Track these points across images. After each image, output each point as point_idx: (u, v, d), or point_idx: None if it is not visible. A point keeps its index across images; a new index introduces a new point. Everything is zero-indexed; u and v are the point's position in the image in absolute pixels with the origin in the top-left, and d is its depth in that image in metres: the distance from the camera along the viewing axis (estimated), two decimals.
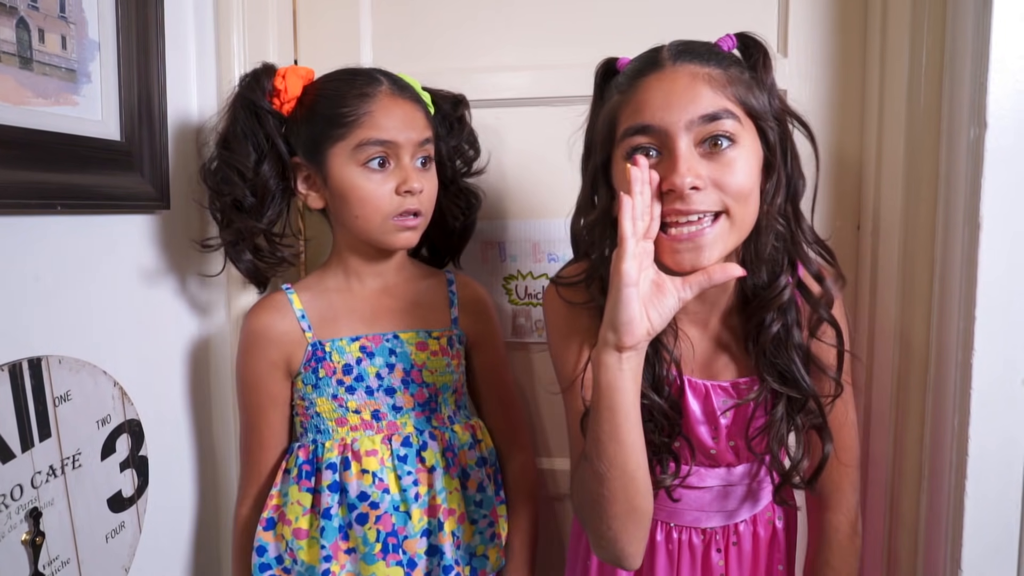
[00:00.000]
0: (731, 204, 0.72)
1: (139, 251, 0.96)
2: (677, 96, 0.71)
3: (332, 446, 0.95)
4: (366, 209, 0.92)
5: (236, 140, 0.94)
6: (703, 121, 0.71)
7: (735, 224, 0.73)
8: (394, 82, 0.95)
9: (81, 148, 0.85)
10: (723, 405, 0.86)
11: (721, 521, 0.92)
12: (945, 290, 0.93)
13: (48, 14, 0.81)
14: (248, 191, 0.94)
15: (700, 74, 0.72)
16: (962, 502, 0.88)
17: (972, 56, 0.86)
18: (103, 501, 0.87)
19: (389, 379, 0.96)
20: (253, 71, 0.97)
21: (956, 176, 0.90)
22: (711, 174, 0.71)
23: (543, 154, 1.16)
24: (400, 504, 0.94)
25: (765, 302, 0.80)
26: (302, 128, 0.94)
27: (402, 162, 0.92)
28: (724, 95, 0.72)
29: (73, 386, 0.82)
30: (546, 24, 1.15)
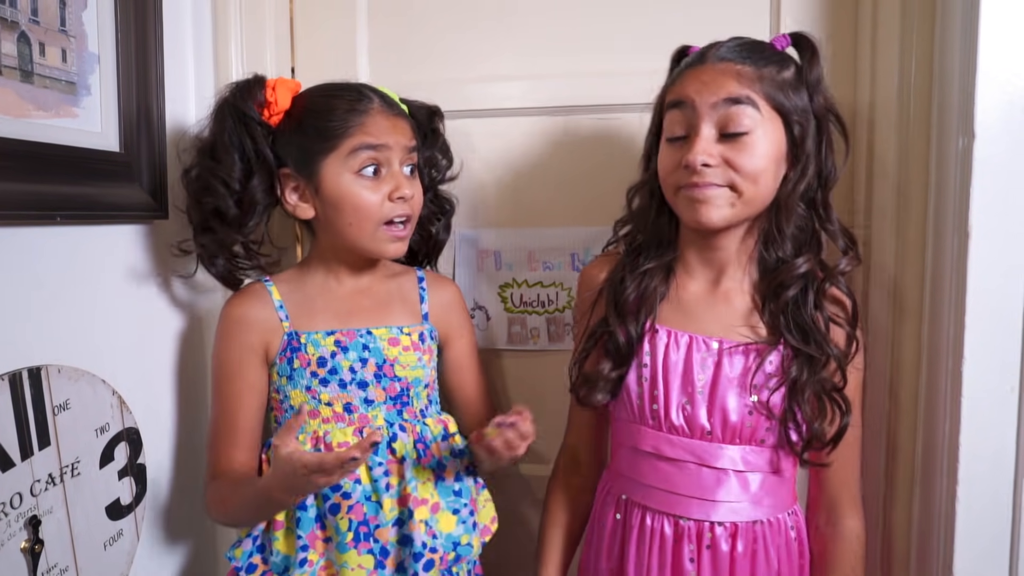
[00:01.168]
0: (738, 181, 0.83)
1: (137, 260, 0.98)
2: (708, 84, 0.84)
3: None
4: (359, 216, 0.93)
5: (223, 149, 0.94)
6: (726, 103, 0.82)
7: (742, 198, 0.84)
8: (383, 99, 0.97)
9: (81, 159, 0.86)
10: (704, 360, 0.89)
11: (697, 513, 0.88)
12: (936, 298, 0.94)
13: (49, 28, 0.82)
14: (232, 202, 0.95)
15: (731, 70, 0.84)
16: (953, 508, 0.89)
17: (960, 67, 0.87)
18: (101, 509, 0.88)
19: (362, 373, 0.96)
20: (245, 80, 0.97)
21: (946, 185, 0.91)
22: (726, 154, 0.83)
23: (539, 163, 1.17)
24: (371, 494, 0.95)
25: (784, 272, 0.88)
26: (292, 140, 0.95)
27: (393, 168, 0.94)
28: (751, 87, 0.83)
29: (72, 395, 0.83)
30: (543, 34, 1.16)
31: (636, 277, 0.93)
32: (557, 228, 1.18)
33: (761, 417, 0.87)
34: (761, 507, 0.89)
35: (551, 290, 1.20)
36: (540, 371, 1.22)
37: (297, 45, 1.20)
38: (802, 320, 0.87)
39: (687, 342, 0.90)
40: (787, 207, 0.86)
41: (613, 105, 1.13)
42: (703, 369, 0.89)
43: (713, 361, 0.89)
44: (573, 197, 1.17)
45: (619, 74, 1.12)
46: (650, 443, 0.90)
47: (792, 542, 0.92)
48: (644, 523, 0.91)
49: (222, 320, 0.98)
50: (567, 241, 1.18)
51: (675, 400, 0.89)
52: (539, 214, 1.18)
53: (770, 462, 0.89)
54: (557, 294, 1.20)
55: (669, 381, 0.89)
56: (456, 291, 1.10)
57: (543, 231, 1.18)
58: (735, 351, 0.88)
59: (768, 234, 0.89)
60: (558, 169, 1.18)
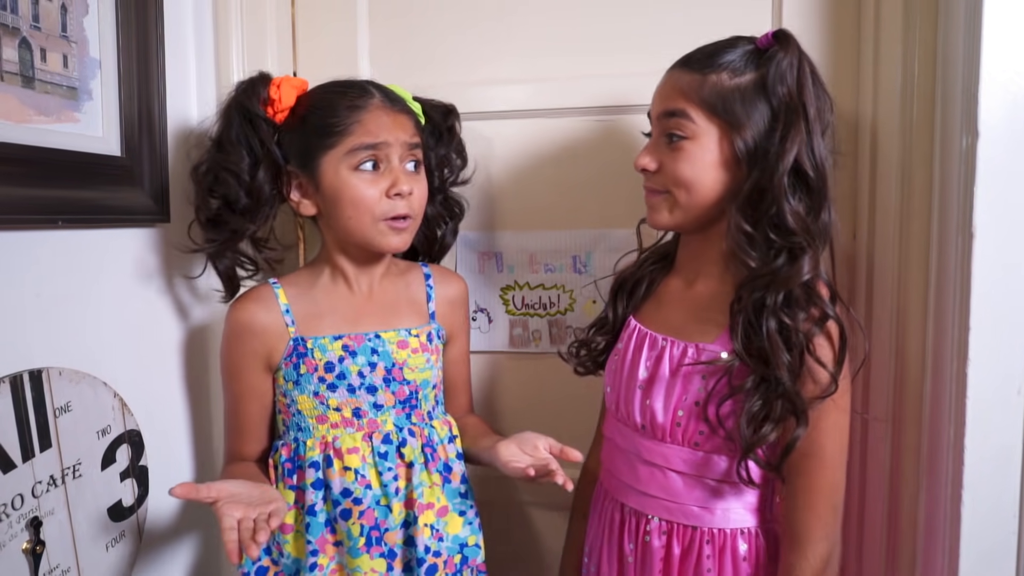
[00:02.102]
0: (672, 188, 0.86)
1: (139, 264, 0.98)
2: (659, 94, 0.89)
3: (313, 444, 0.95)
4: (358, 210, 0.93)
5: (230, 144, 0.95)
6: (665, 116, 0.86)
7: (677, 203, 0.87)
8: (385, 95, 0.97)
9: (82, 164, 0.87)
10: (649, 356, 0.91)
11: (634, 503, 0.91)
12: (940, 299, 0.93)
13: (50, 33, 0.83)
14: (243, 192, 0.96)
15: (675, 80, 0.86)
16: (959, 512, 0.88)
17: (963, 66, 0.86)
18: (103, 510, 0.89)
19: (371, 377, 0.97)
20: (249, 79, 0.98)
21: (949, 185, 0.90)
22: (665, 161, 0.86)
23: (540, 166, 1.17)
24: (381, 498, 0.95)
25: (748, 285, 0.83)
26: (295, 137, 0.96)
27: (392, 164, 0.94)
28: (687, 98, 0.84)
29: (73, 397, 0.83)
30: (544, 36, 1.16)
31: (637, 266, 0.99)
32: (559, 231, 1.18)
33: (693, 421, 0.86)
34: (706, 514, 0.87)
35: (553, 292, 1.20)
36: (542, 374, 1.22)
37: (299, 49, 1.20)
38: (758, 338, 0.80)
39: (642, 336, 0.93)
40: (731, 217, 0.84)
41: (615, 107, 1.13)
42: (646, 364, 0.91)
43: (655, 356, 0.90)
44: (575, 199, 1.17)
45: (621, 75, 1.12)
46: (610, 429, 0.97)
47: (741, 562, 0.87)
48: (604, 505, 0.97)
49: (227, 322, 0.98)
50: (569, 243, 1.18)
51: (623, 391, 0.92)
52: (541, 216, 1.18)
53: (716, 470, 0.86)
54: (559, 296, 1.19)
55: (622, 372, 0.93)
56: (463, 287, 1.10)
57: (545, 234, 1.18)
58: (676, 350, 0.88)
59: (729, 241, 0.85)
60: (560, 171, 1.17)
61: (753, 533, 0.88)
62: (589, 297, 1.18)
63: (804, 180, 0.81)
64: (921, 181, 0.96)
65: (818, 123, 0.82)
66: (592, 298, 1.18)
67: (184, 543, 1.08)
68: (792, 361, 0.80)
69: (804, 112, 0.81)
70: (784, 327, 0.80)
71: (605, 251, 1.16)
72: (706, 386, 0.85)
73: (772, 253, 0.82)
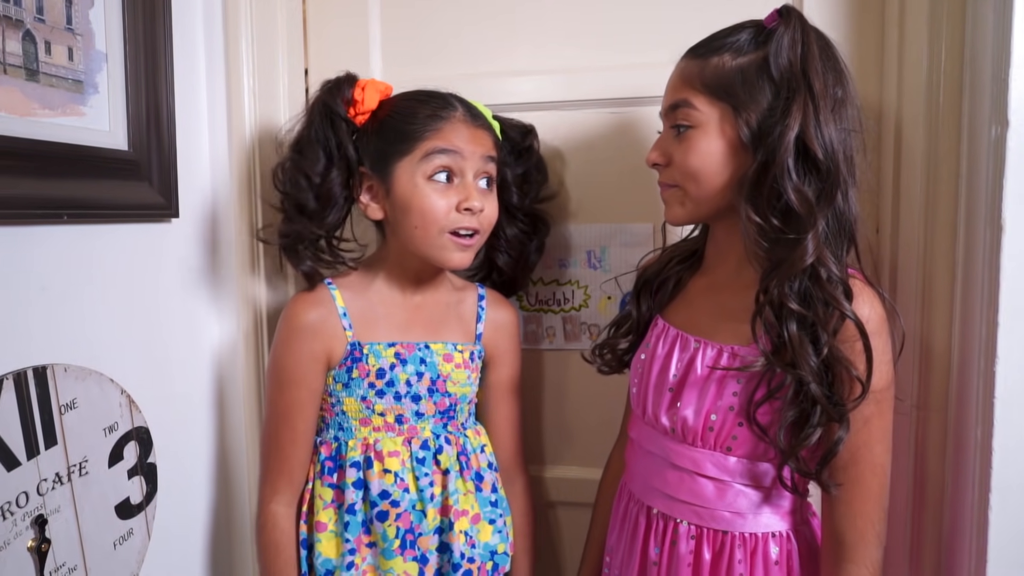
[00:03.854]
0: (680, 180, 0.84)
1: (148, 259, 0.97)
2: (667, 88, 0.87)
3: (355, 445, 0.97)
4: (425, 219, 0.93)
5: (309, 144, 0.96)
6: (669, 109, 0.85)
7: (688, 196, 0.84)
8: (468, 109, 0.97)
9: (88, 158, 0.86)
10: (681, 357, 0.87)
11: (662, 506, 0.88)
12: (967, 295, 0.90)
13: (55, 26, 0.82)
14: (312, 196, 0.96)
15: (679, 71, 0.85)
16: (986, 517, 0.85)
17: (993, 52, 0.83)
18: (111, 508, 0.88)
19: (417, 386, 0.98)
20: (336, 78, 0.98)
21: (977, 176, 0.87)
22: (672, 153, 0.84)
23: (554, 159, 1.15)
24: (417, 503, 0.97)
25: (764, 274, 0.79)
26: (372, 140, 0.97)
27: (466, 179, 0.94)
28: (690, 86, 0.82)
29: (79, 394, 0.83)
30: (557, 28, 1.14)
31: (663, 263, 0.96)
32: (573, 225, 1.16)
33: (728, 425, 0.82)
34: (737, 519, 0.84)
35: (567, 288, 1.18)
36: (556, 371, 1.20)
37: (310, 41, 1.19)
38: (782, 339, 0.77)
39: (673, 336, 0.90)
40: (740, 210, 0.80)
41: (630, 99, 1.11)
42: (677, 366, 0.87)
43: (687, 359, 0.87)
44: (589, 193, 1.15)
45: (636, 66, 1.10)
46: (635, 431, 0.94)
47: (772, 567, 0.84)
48: (628, 508, 0.94)
49: (286, 324, 0.98)
50: (583, 238, 1.16)
51: (651, 393, 0.89)
52: (554, 211, 1.15)
53: (748, 475, 0.83)
54: (573, 292, 1.17)
55: (651, 373, 0.90)
56: (513, 316, 1.09)
57: (558, 228, 1.16)
58: (710, 352, 0.85)
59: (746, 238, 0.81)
60: (574, 165, 1.15)
61: (785, 536, 0.86)
62: (605, 293, 1.16)
63: (812, 161, 0.75)
64: (947, 172, 0.93)
65: (827, 98, 0.76)
66: (608, 294, 1.16)
67: (195, 541, 1.07)
68: (819, 363, 0.76)
69: (808, 85, 0.75)
70: (805, 326, 0.77)
71: (620, 246, 1.14)
72: (745, 391, 0.81)
73: (783, 243, 0.77)
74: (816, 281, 0.76)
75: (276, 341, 0.99)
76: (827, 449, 0.78)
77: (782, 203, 0.76)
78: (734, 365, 0.82)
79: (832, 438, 0.77)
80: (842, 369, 0.77)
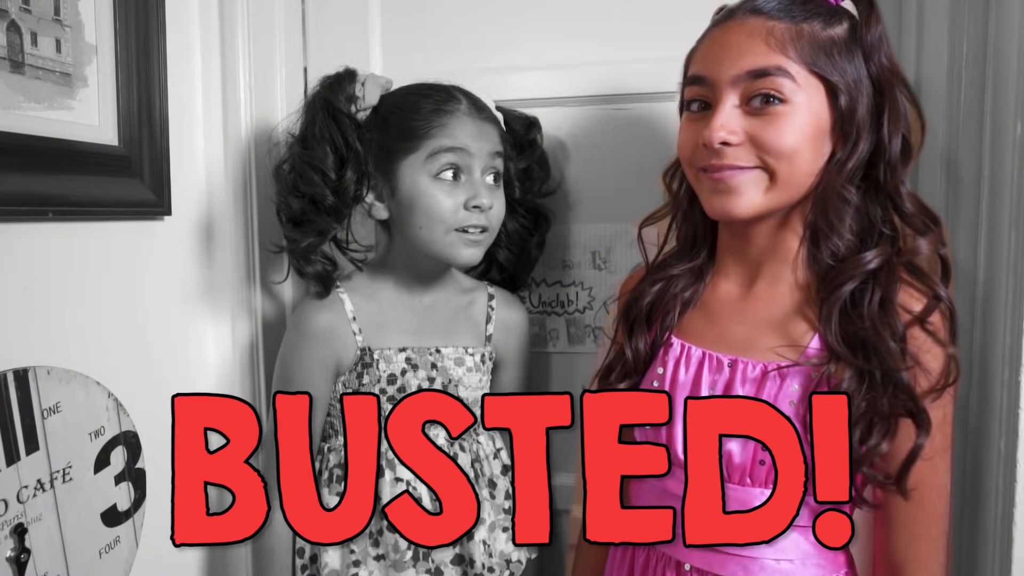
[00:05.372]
0: (771, 161, 0.71)
1: (139, 258, 0.95)
2: (729, 50, 0.72)
3: None
4: (431, 219, 0.90)
5: (314, 140, 0.93)
6: (750, 77, 0.70)
7: (777, 181, 0.72)
8: (472, 102, 0.94)
9: (76, 153, 0.84)
10: (714, 382, 0.76)
11: (699, 562, 0.76)
12: (990, 301, 0.85)
13: (41, 17, 0.79)
14: (329, 190, 0.92)
15: (761, 29, 0.71)
16: (1010, 534, 0.80)
17: (1019, 44, 0.79)
18: (96, 515, 0.85)
19: None
20: (336, 74, 0.95)
21: (1001, 176, 0.83)
22: (752, 130, 0.71)
23: (558, 157, 1.12)
24: None
25: (845, 269, 0.73)
26: (375, 138, 0.94)
27: (473, 176, 0.91)
28: (783, 52, 0.70)
29: (63, 397, 0.80)
30: (563, 21, 1.11)
31: (657, 282, 0.83)
32: (577, 224, 1.13)
33: None
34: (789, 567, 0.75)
35: (571, 290, 1.14)
36: (560, 375, 1.17)
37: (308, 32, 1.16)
38: (857, 325, 0.70)
39: (699, 358, 0.79)
40: (832, 192, 0.72)
41: (637, 94, 1.07)
42: (711, 392, 0.77)
43: (723, 383, 0.76)
44: (594, 192, 1.12)
45: (644, 61, 1.06)
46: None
47: None
48: (649, 566, 0.81)
49: (296, 329, 0.96)
50: (588, 239, 1.13)
51: (678, 424, 0.74)
52: (558, 210, 1.12)
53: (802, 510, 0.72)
54: (577, 294, 1.14)
55: (675, 400, 0.76)
56: (523, 316, 1.07)
57: (562, 228, 1.13)
58: (751, 372, 0.75)
59: (815, 227, 0.75)
60: (578, 163, 1.12)
61: None
62: (610, 295, 1.13)
63: (906, 153, 0.73)
64: (968, 171, 0.88)
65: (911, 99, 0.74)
66: (614, 297, 1.12)
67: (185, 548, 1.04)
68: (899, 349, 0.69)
69: (907, 85, 0.73)
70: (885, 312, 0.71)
71: (626, 246, 1.11)
72: (800, 409, 0.71)
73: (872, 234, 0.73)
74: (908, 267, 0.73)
75: (284, 346, 0.97)
76: (909, 453, 0.70)
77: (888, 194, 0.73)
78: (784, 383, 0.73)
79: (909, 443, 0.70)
80: (915, 359, 0.70)
